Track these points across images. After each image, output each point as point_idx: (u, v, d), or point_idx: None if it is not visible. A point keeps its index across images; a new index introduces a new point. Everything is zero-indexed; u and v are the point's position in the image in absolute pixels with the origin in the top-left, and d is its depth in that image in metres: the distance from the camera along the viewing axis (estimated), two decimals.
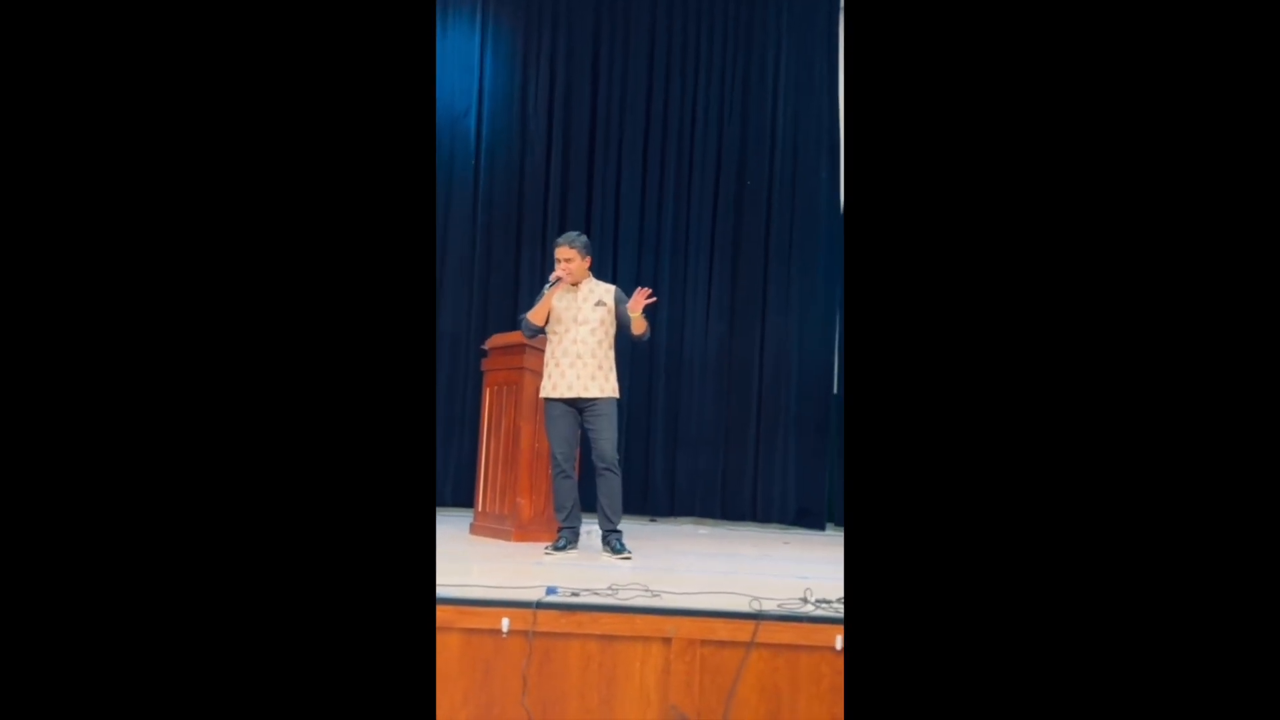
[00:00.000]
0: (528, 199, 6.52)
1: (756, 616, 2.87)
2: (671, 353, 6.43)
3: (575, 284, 4.30)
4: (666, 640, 2.88)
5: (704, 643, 2.87)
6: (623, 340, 4.38)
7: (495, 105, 6.59)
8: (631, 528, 5.61)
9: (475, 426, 5.49)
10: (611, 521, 4.23)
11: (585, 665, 2.88)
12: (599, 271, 6.90)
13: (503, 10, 6.61)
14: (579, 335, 4.24)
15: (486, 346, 5.06)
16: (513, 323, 6.18)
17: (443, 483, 6.39)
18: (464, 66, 6.58)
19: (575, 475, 4.33)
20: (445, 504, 6.30)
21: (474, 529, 4.98)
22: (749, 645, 2.85)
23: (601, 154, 6.55)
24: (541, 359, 4.43)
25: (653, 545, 4.77)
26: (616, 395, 4.30)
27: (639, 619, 2.90)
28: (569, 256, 4.27)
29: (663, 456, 6.41)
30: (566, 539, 4.24)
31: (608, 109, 6.56)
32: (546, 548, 4.25)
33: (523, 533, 4.60)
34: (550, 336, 4.32)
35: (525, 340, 4.55)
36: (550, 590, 2.99)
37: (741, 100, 6.55)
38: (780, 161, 6.48)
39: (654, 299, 4.21)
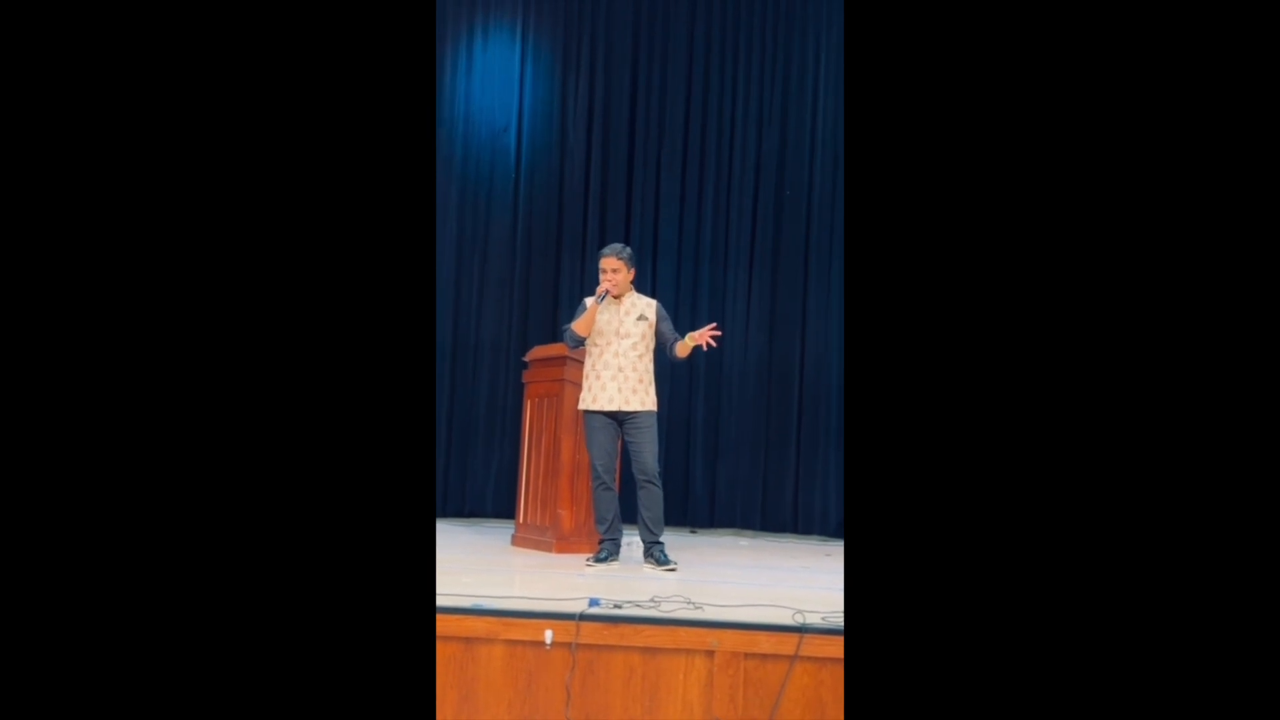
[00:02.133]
0: (567, 211, 6.56)
1: (800, 629, 2.85)
2: (711, 363, 6.42)
3: (618, 296, 4.29)
4: (710, 653, 2.87)
5: (747, 655, 2.86)
6: (660, 354, 4.39)
7: (535, 119, 6.64)
8: (672, 539, 5.60)
9: (516, 438, 5.52)
10: (654, 533, 4.22)
11: (628, 677, 2.88)
12: (639, 282, 6.94)
13: (542, 25, 6.67)
14: (620, 349, 4.25)
15: (528, 358, 5.09)
16: (554, 334, 6.22)
17: (483, 493, 6.44)
18: (504, 82, 6.64)
19: (616, 487, 4.34)
20: (486, 515, 6.35)
21: (515, 540, 5.00)
22: (793, 658, 2.83)
23: (640, 165, 6.57)
24: (582, 370, 4.45)
25: (694, 557, 4.76)
26: (655, 409, 4.31)
27: (682, 631, 2.89)
28: (615, 268, 4.26)
29: (703, 467, 6.40)
30: (608, 551, 4.25)
31: (646, 120, 6.59)
32: (588, 559, 4.26)
33: (564, 544, 4.61)
34: (590, 349, 4.32)
35: (567, 352, 4.58)
36: (593, 602, 3.00)
37: (781, 108, 6.55)
38: (820, 169, 6.47)
39: (718, 335, 4.19)
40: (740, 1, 6.61)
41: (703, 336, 4.14)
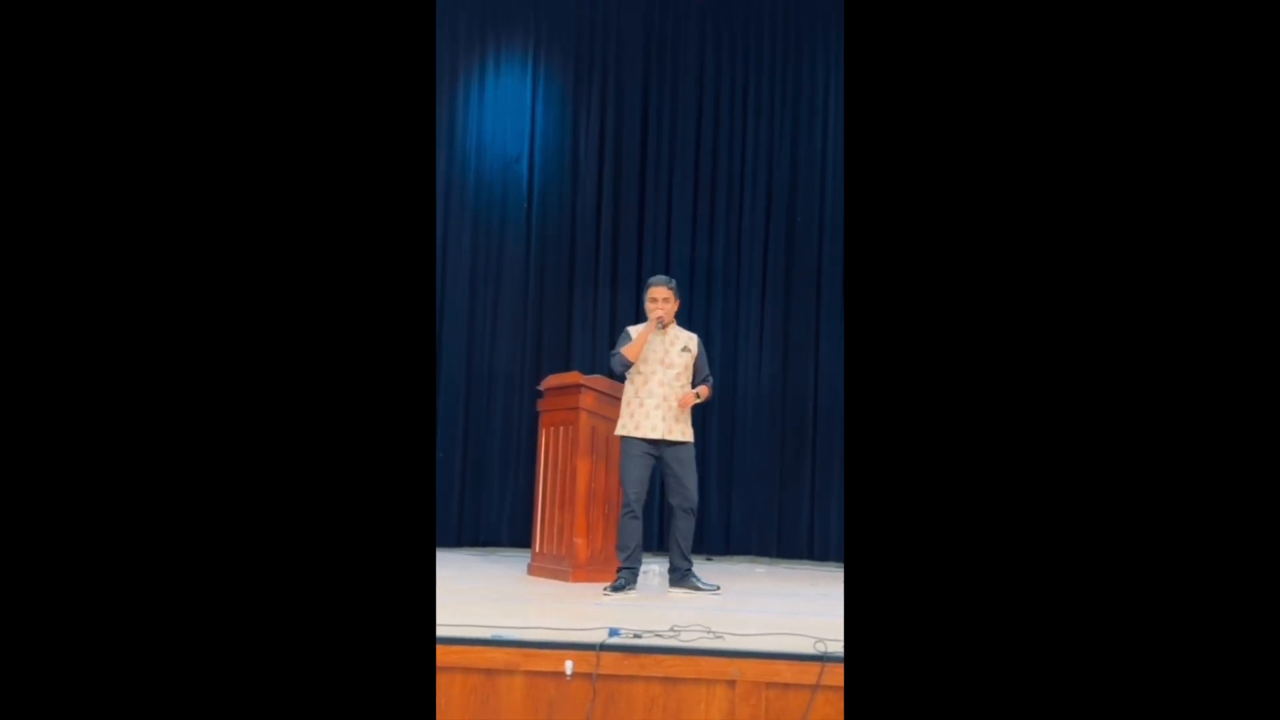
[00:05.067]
0: (580, 240, 6.59)
1: (821, 658, 2.83)
2: (725, 390, 6.42)
3: (666, 326, 4.35)
4: (731, 683, 2.85)
5: (769, 685, 2.84)
6: None
7: (547, 149, 6.68)
8: None
9: (531, 466, 5.53)
10: (688, 561, 4.32)
11: (650, 708, 2.86)
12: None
13: (553, 54, 6.73)
14: (665, 378, 4.30)
15: (542, 387, 5.10)
16: (567, 363, 6.23)
17: (498, 523, 6.43)
18: (516, 112, 6.70)
19: (642, 517, 4.38)
20: (502, 544, 6.34)
21: (532, 570, 4.99)
22: (815, 688, 2.81)
23: (652, 193, 6.61)
24: (596, 399, 4.51)
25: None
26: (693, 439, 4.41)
27: (703, 661, 2.88)
28: (665, 297, 4.34)
29: (718, 495, 6.39)
30: (625, 579, 4.25)
31: (657, 148, 6.63)
32: (605, 588, 4.25)
33: (580, 573, 4.60)
34: (634, 376, 4.36)
35: (582, 380, 4.62)
36: (613, 632, 2.99)
37: (791, 135, 6.58)
38: (831, 195, 6.49)
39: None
40: (750, 29, 6.66)
41: (688, 402, 4.30)
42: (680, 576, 4.31)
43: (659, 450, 4.30)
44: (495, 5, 6.72)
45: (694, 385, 4.40)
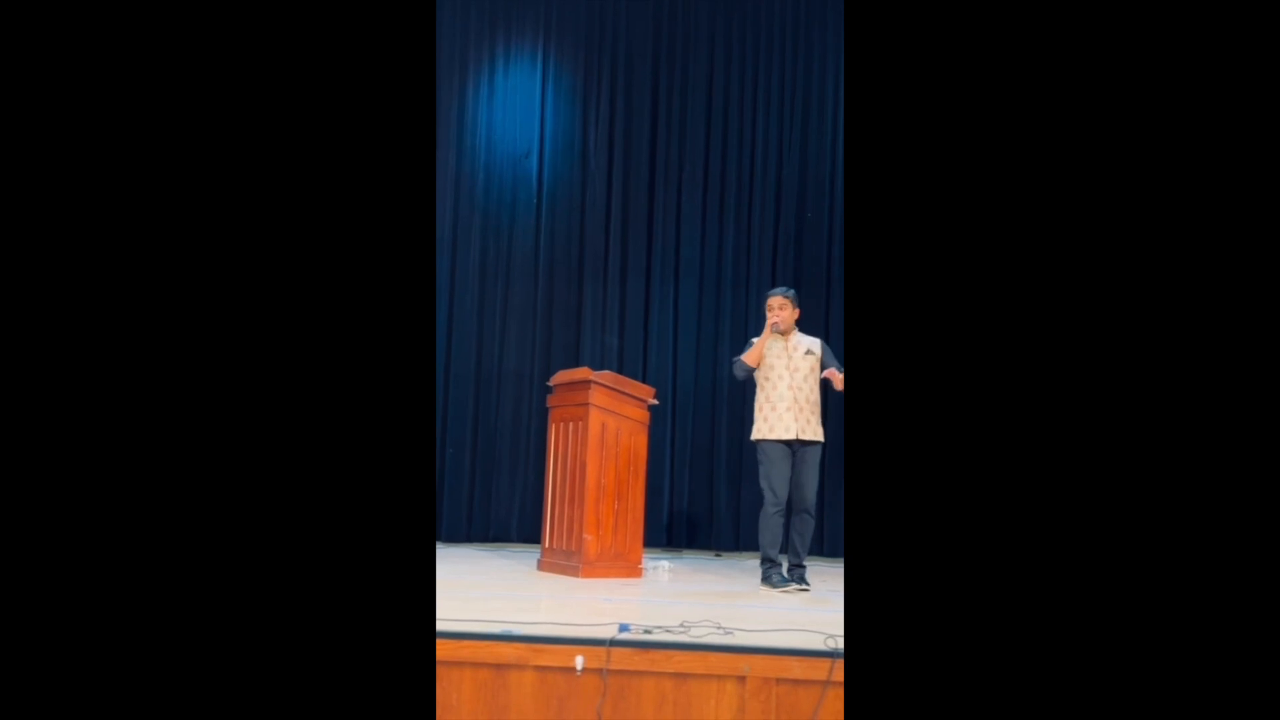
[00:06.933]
0: (589, 236, 6.60)
1: (832, 654, 2.84)
2: (733, 386, 6.42)
3: (785, 333, 4.55)
4: (741, 678, 2.85)
5: (779, 681, 2.84)
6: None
7: (557, 146, 6.69)
8: (697, 563, 5.59)
9: (540, 462, 5.54)
10: (801, 557, 4.51)
11: (660, 703, 2.87)
12: (662, 305, 6.92)
13: (564, 50, 6.73)
14: (794, 382, 4.50)
15: (552, 383, 5.11)
16: (576, 359, 6.24)
17: (508, 519, 6.44)
18: (526, 108, 6.70)
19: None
20: (511, 540, 6.35)
21: (541, 565, 5.00)
22: (825, 684, 2.81)
23: (662, 189, 6.61)
24: (610, 397, 4.56)
25: (721, 581, 4.76)
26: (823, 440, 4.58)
27: (713, 656, 2.88)
28: (781, 305, 4.57)
29: (726, 491, 6.39)
30: (779, 575, 4.46)
31: (667, 144, 6.63)
32: (783, 589, 4.37)
33: (590, 569, 4.62)
34: (764, 383, 4.55)
35: (591, 376, 4.65)
36: (623, 628, 2.99)
37: (801, 130, 6.58)
38: (841, 191, 6.48)
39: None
40: (761, 26, 6.66)
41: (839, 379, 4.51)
42: (789, 570, 4.50)
43: (793, 449, 4.48)
44: (505, 1, 6.73)
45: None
